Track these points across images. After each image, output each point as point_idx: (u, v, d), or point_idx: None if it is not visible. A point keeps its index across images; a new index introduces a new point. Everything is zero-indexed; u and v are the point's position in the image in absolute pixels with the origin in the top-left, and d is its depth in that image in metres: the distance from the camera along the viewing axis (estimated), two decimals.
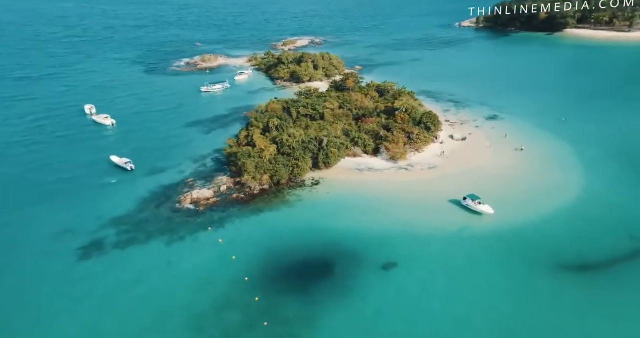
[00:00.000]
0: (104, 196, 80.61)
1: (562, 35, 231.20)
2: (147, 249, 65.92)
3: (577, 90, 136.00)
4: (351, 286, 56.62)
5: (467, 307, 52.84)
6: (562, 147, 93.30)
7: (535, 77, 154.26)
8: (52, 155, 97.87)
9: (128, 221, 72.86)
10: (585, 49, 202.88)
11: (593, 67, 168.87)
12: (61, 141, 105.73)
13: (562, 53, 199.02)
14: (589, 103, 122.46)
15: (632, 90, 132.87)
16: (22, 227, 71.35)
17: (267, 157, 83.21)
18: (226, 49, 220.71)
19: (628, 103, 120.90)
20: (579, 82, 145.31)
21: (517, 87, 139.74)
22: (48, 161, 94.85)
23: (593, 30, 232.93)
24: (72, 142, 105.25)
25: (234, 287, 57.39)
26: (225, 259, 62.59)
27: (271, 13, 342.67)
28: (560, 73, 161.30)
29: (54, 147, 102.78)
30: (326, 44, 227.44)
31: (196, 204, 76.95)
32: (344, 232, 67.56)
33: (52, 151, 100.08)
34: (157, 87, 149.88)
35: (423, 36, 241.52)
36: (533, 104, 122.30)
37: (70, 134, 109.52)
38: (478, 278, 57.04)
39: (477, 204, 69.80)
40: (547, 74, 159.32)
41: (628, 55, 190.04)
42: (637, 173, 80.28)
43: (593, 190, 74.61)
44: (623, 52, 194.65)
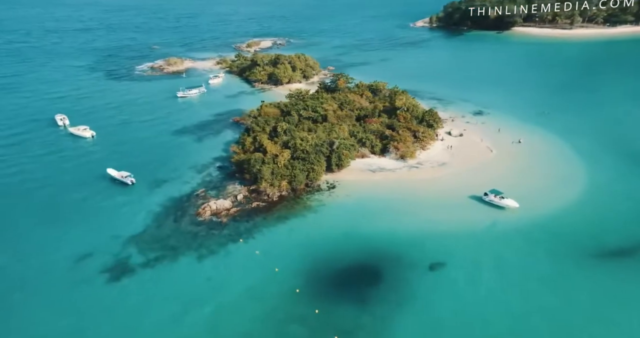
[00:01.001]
0: (113, 213, 75.12)
1: (511, 33, 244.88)
2: (180, 267, 62.21)
3: (544, 84, 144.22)
4: (406, 291, 56.01)
5: (526, 302, 53.31)
6: (553, 138, 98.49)
7: (501, 73, 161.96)
8: (40, 175, 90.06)
9: (148, 238, 68.39)
10: (535, 45, 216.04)
11: (549, 61, 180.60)
12: (44, 158, 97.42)
13: (517, 49, 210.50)
14: (560, 96, 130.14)
15: (593, 83, 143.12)
16: (35, 255, 64.84)
17: (282, 163, 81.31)
18: (188, 51, 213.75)
19: (594, 94, 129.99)
20: (543, 76, 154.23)
21: (489, 83, 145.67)
22: (38, 181, 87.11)
23: (538, 28, 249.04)
24: (56, 158, 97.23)
25: (287, 299, 55.42)
26: (268, 271, 60.28)
27: (224, 14, 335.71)
28: (522, 68, 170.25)
29: (38, 165, 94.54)
30: (290, 45, 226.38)
31: (216, 215, 73.67)
32: (378, 235, 67.08)
33: (37, 170, 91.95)
34: (129, 94, 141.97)
35: (383, 36, 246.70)
36: (511, 98, 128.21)
37: (50, 150, 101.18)
38: (530, 273, 58.00)
39: (500, 199, 72.04)
40: (511, 70, 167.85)
41: (576, 50, 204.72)
42: (631, 161, 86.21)
43: (598, 179, 79.21)
44: (571, 48, 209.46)
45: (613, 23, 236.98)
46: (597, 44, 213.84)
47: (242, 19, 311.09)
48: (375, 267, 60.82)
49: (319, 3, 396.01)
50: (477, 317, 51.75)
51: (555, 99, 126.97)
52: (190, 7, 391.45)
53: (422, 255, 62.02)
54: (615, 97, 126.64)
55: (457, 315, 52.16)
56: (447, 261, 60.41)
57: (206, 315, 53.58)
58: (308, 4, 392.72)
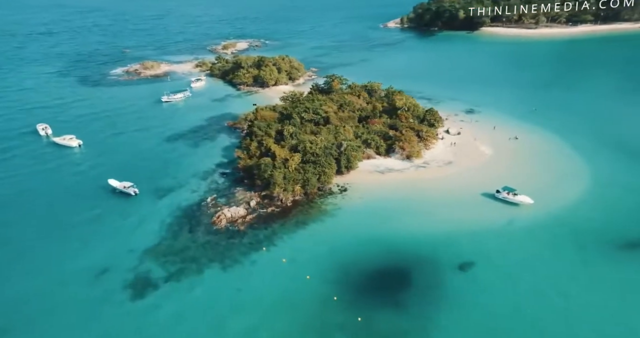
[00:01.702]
0: (122, 226, 71.73)
1: (480, 33, 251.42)
2: (205, 279, 59.96)
3: (525, 81, 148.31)
4: (443, 293, 55.72)
5: (566, 298, 53.91)
6: (547, 134, 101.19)
7: (481, 72, 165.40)
8: (34, 188, 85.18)
9: (166, 251, 65.60)
10: (506, 44, 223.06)
11: (524, 60, 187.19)
12: (33, 170, 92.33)
13: (490, 49, 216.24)
14: (543, 92, 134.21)
15: (570, 79, 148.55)
16: (48, 274, 61.02)
17: (293, 167, 79.98)
18: (162, 54, 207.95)
19: (574, 90, 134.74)
20: (522, 74, 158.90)
21: (473, 82, 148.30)
22: (34, 195, 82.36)
23: (505, 27, 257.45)
24: (46, 170, 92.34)
25: (325, 308, 54.18)
26: (299, 279, 58.86)
27: (193, 16, 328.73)
28: (500, 66, 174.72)
29: (29, 178, 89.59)
30: (267, 47, 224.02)
31: (233, 224, 71.55)
32: (399, 236, 66.78)
33: (29, 183, 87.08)
34: (110, 101, 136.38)
35: (358, 37, 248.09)
36: (497, 96, 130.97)
37: (38, 161, 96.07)
38: (562, 267, 58.86)
39: (513, 196, 73.46)
40: (490, 68, 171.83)
41: (546, 48, 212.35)
42: (623, 153, 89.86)
43: (599, 172, 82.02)
44: (540, 46, 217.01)
45: (574, 23, 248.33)
46: (562, 42, 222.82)
47: (213, 21, 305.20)
48: (404, 269, 60.47)
49: (287, 5, 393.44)
50: (523, 316, 51.93)
51: (539, 96, 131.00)
52: (155, 8, 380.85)
53: (448, 255, 62.20)
54: (595, 92, 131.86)
55: (501, 314, 52.31)
56: (476, 260, 60.74)
57: (244, 328, 51.78)
58: (275, 6, 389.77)
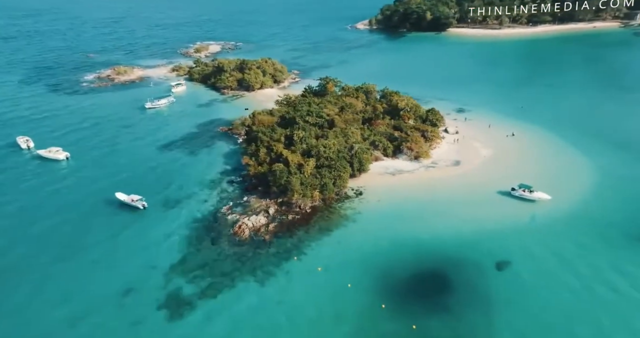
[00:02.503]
0: (139, 242, 67.67)
1: (448, 34, 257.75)
2: (242, 293, 57.44)
3: (503, 80, 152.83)
4: (487, 293, 55.64)
5: (613, 292, 54.85)
6: (540, 129, 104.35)
7: (460, 71, 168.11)
8: (33, 207, 78.69)
9: (192, 266, 62.47)
10: (474, 44, 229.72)
11: (495, 59, 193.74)
12: (26, 187, 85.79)
13: (460, 49, 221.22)
14: (523, 90, 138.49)
15: (544, 77, 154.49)
16: (72, 298, 56.56)
17: (309, 172, 78.36)
18: (131, 58, 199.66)
19: (552, 86, 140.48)
20: (499, 73, 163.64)
21: (455, 81, 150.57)
22: (35, 216, 75.75)
23: (471, 28, 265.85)
24: (39, 186, 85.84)
25: (375, 316, 52.91)
26: (340, 288, 57.34)
27: (155, 18, 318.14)
28: (476, 66, 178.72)
29: (25, 196, 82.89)
30: (241, 50, 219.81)
31: (256, 233, 69.12)
32: (427, 238, 66.53)
33: (26, 201, 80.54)
34: (90, 109, 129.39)
35: (330, 39, 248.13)
36: (482, 95, 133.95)
37: (28, 177, 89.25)
38: (599, 262, 59.84)
39: (529, 193, 75.00)
40: (467, 68, 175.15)
41: (513, 47, 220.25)
42: (615, 145, 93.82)
43: (601, 165, 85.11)
44: (507, 45, 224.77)
45: (534, 23, 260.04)
46: (526, 41, 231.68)
47: (179, 23, 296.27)
48: (441, 272, 60.18)
49: (248, 9, 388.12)
50: (577, 313, 52.45)
51: (521, 93, 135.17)
52: (111, 10, 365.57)
53: (481, 255, 62.41)
54: (569, 88, 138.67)
55: (554, 312, 52.75)
56: (510, 259, 61.27)
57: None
58: (236, 9, 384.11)
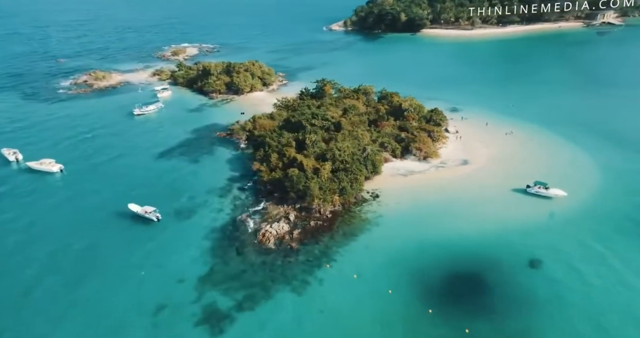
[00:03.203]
0: (161, 256, 64.75)
1: (422, 35, 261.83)
2: (280, 303, 55.88)
3: (487, 79, 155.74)
4: (528, 292, 55.88)
5: None
6: (535, 126, 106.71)
7: (443, 71, 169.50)
8: (40, 223, 73.93)
9: (222, 277, 60.38)
10: (449, 44, 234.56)
11: (474, 58, 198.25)
12: (25, 202, 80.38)
13: (437, 49, 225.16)
14: (510, 88, 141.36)
15: (523, 75, 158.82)
16: (104, 324, 53.04)
17: (326, 176, 77.24)
18: (105, 63, 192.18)
19: (535, 84, 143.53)
20: (481, 72, 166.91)
21: (441, 81, 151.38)
22: (45, 232, 71.21)
23: (444, 29, 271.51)
24: (38, 200, 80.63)
25: (424, 321, 52.31)
26: (380, 295, 56.54)
27: (125, 20, 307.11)
28: (457, 65, 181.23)
29: (27, 211, 77.68)
30: (220, 52, 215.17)
31: (281, 241, 67.41)
32: (454, 239, 66.43)
33: (30, 217, 75.48)
34: (75, 118, 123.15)
35: (309, 41, 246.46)
36: (471, 94, 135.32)
37: (22, 191, 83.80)
38: (628, 256, 61.12)
39: (545, 189, 76.54)
40: (450, 67, 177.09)
41: (487, 47, 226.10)
42: (614, 141, 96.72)
43: (603, 160, 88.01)
44: (481, 45, 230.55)
45: (504, 23, 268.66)
46: (499, 41, 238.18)
47: (151, 25, 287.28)
48: (476, 272, 60.12)
49: (219, 10, 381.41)
50: (624, 309, 53.11)
51: (508, 91, 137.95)
52: (79, 13, 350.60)
53: (512, 254, 62.89)
54: (554, 86, 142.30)
55: (599, 308, 53.32)
56: (541, 256, 61.91)
57: None
58: (208, 10, 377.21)
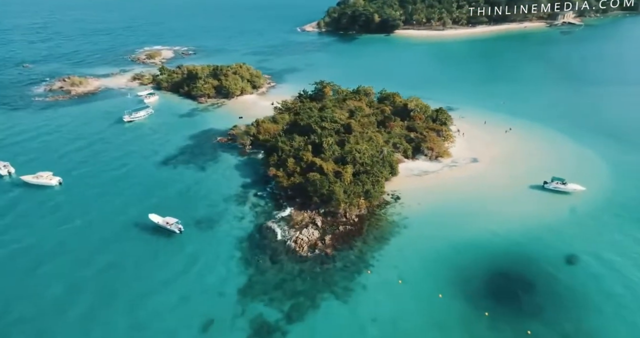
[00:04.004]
0: (194, 269, 62.10)
1: (397, 36, 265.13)
2: (328, 313, 54.54)
3: (472, 77, 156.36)
4: (574, 289, 56.50)
5: None
6: (534, 123, 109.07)
7: (426, 71, 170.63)
8: (49, 241, 68.88)
9: (262, 287, 58.70)
10: (425, 45, 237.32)
11: (452, 58, 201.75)
12: (26, 219, 74.86)
13: (416, 49, 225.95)
14: (497, 86, 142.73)
15: (511, 74, 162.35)
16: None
17: (348, 179, 76.26)
18: (76, 67, 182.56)
19: (523, 84, 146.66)
20: (464, 71, 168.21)
21: (427, 81, 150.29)
22: (55, 249, 66.75)
23: (416, 30, 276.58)
24: (40, 216, 75.27)
25: (482, 325, 51.94)
26: (431, 298, 56.06)
27: (90, 22, 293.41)
28: (438, 65, 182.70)
29: (30, 228, 72.37)
30: (198, 55, 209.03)
31: (314, 247, 65.91)
32: (485, 238, 66.50)
33: (35, 235, 70.22)
34: (63, 127, 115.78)
35: (286, 42, 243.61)
36: (461, 92, 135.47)
37: (23, 208, 77.83)
38: None
39: (563, 185, 78.33)
40: (430, 67, 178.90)
41: (462, 47, 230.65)
42: (609, 135, 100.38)
43: (606, 153, 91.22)
44: (456, 45, 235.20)
45: (473, 24, 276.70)
46: (471, 40, 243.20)
47: (117, 27, 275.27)
48: (517, 270, 60.30)
49: (191, 12, 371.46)
50: None
51: (496, 89, 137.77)
52: (37, 15, 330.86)
53: (547, 250, 63.56)
54: (537, 83, 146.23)
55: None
56: (576, 252, 63.02)
57: None
58: (179, 12, 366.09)
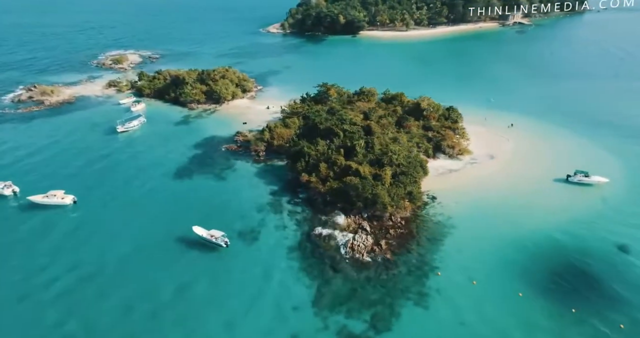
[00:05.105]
0: (254, 284, 59.68)
1: (363, 37, 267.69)
2: (413, 320, 53.79)
3: (451, 76, 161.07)
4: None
5: None
6: (529, 118, 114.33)
7: (405, 70, 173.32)
8: (85, 268, 63.59)
9: (334, 298, 57.19)
10: (394, 45, 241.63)
11: (424, 57, 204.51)
12: (46, 245, 68.01)
13: (386, 49, 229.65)
14: (476, 84, 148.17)
15: (486, 72, 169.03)
16: None
17: (389, 181, 75.54)
18: (37, 75, 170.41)
19: (502, 81, 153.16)
20: (441, 70, 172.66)
21: (410, 80, 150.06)
22: (114, 277, 61.65)
23: (381, 31, 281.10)
24: (65, 239, 68.87)
25: (572, 321, 52.90)
26: (512, 298, 56.30)
27: (41, 25, 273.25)
28: (415, 65, 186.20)
29: (57, 254, 66.19)
30: (165, 58, 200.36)
31: (375, 253, 64.55)
32: (537, 234, 68.06)
33: (73, 258, 64.83)
34: (51, 141, 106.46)
35: (254, 44, 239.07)
36: (445, 91, 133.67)
37: (39, 231, 70.81)
38: None
39: (587, 177, 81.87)
40: (408, 66, 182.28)
41: (429, 47, 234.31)
42: (604, 126, 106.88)
43: (609, 144, 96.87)
44: (423, 45, 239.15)
45: (434, 24, 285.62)
46: (436, 41, 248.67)
47: (75, 30, 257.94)
48: (580, 265, 61.71)
49: (146, 12, 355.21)
50: None
51: (479, 87, 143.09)
52: None
53: (597, 241, 66.05)
54: (515, 80, 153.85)
55: None
56: (624, 240, 65.70)
57: None
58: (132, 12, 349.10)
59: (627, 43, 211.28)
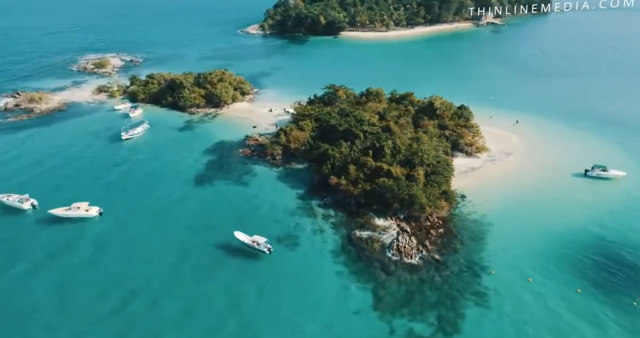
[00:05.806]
0: (309, 291, 58.52)
1: (344, 37, 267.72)
2: (478, 320, 53.88)
3: (443, 75, 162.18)
4: None
5: None
6: (529, 115, 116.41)
7: (395, 70, 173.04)
8: (131, 289, 59.98)
9: (394, 301, 56.73)
10: (377, 46, 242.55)
11: (409, 57, 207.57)
12: (77, 260, 64.49)
13: (370, 50, 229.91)
14: (467, 83, 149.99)
15: (478, 70, 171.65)
16: None
17: (422, 181, 75.53)
18: (16, 81, 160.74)
19: (495, 79, 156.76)
20: (431, 70, 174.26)
21: (400, 80, 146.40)
22: (162, 290, 58.81)
23: (361, 32, 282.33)
24: (99, 253, 65.45)
25: (633, 313, 54.30)
26: (571, 295, 57.08)
27: (8, 29, 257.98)
28: (403, 64, 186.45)
29: (106, 268, 63.32)
30: (149, 62, 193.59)
31: (422, 254, 64.29)
32: (574, 229, 69.53)
33: (113, 272, 61.63)
34: (55, 151, 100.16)
35: (236, 46, 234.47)
36: (440, 90, 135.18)
37: (65, 247, 66.66)
38: None
39: (605, 171, 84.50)
40: (396, 66, 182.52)
41: (411, 47, 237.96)
42: (605, 122, 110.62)
43: (612, 138, 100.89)
44: (405, 45, 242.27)
45: (412, 25, 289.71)
46: (416, 41, 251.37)
47: (42, 34, 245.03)
48: (623, 256, 63.57)
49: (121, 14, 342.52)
50: None
51: (474, 86, 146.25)
52: None
53: (633, 231, 68.39)
54: (506, 77, 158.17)
55: None
56: None
57: None
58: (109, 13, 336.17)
59: (595, 40, 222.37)
